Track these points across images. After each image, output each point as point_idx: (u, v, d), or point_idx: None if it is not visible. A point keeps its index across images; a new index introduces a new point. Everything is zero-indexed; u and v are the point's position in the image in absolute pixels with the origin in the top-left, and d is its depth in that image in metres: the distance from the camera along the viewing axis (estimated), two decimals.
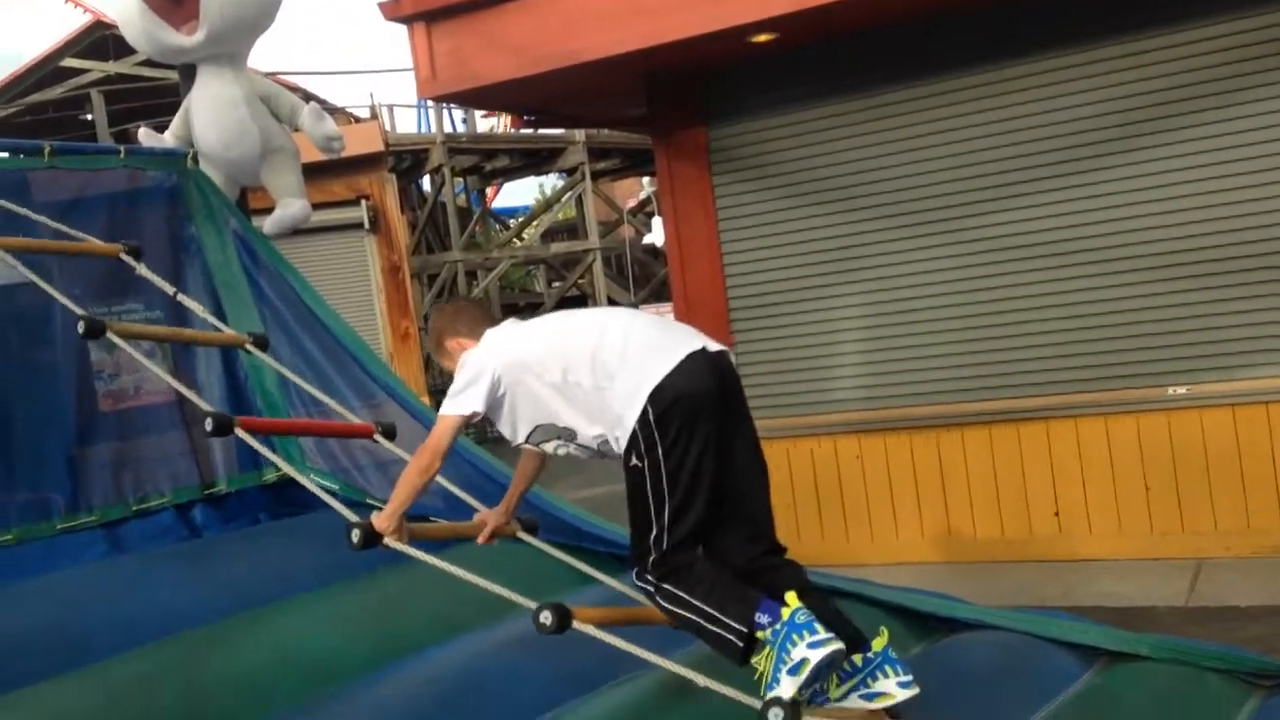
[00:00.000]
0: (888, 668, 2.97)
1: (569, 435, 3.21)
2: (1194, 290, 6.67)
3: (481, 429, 3.40)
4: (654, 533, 2.99)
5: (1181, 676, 3.53)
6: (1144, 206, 6.76)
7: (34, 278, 4.35)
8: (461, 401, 3.20)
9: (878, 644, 3.00)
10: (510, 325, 3.42)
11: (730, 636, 2.88)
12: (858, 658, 2.98)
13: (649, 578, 3.02)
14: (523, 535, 3.72)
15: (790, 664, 2.76)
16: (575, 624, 3.03)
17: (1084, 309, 6.94)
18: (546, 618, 3.00)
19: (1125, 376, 6.87)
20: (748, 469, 3.19)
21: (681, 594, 2.95)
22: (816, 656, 2.75)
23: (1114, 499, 6.86)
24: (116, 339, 4.12)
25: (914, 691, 2.96)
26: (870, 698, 2.96)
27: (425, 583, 3.33)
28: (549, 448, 3.34)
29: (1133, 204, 6.79)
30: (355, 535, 3.26)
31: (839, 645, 2.81)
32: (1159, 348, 6.79)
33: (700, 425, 2.98)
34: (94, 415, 5.41)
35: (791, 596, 2.85)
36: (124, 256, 4.74)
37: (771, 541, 3.23)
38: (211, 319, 4.85)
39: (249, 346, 4.69)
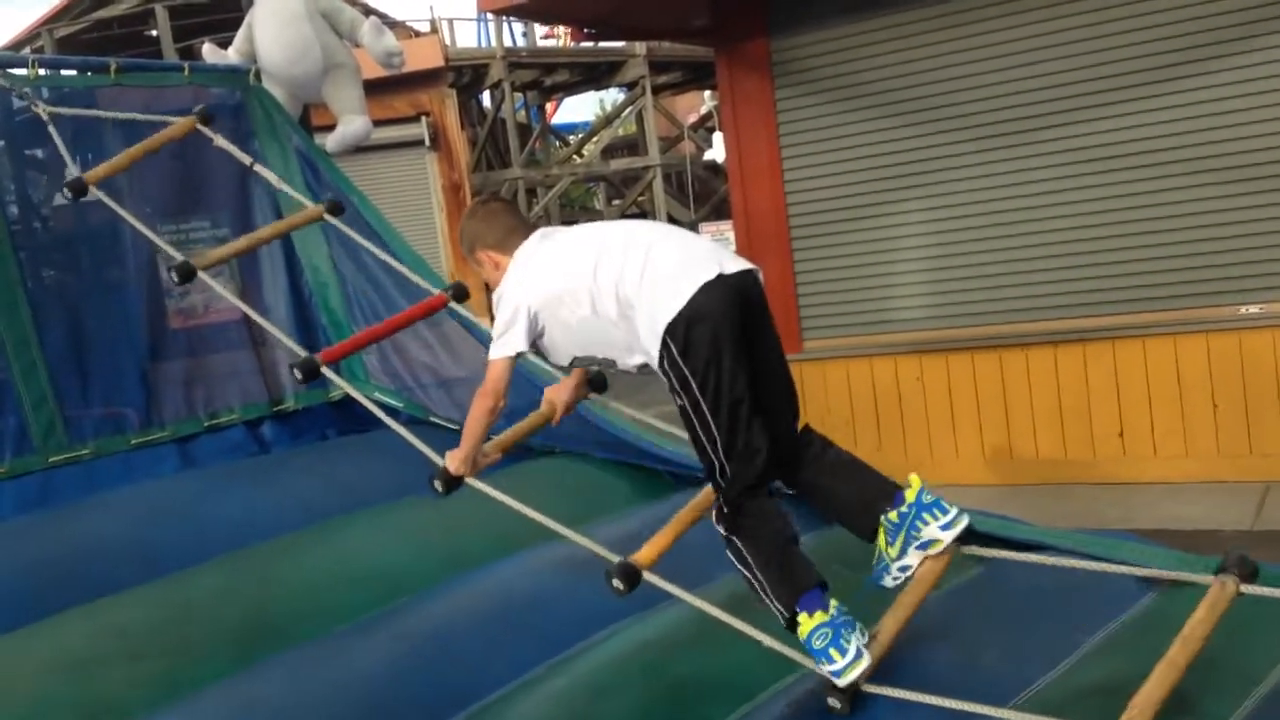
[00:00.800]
0: (926, 515, 2.97)
1: (608, 365, 3.22)
2: (1270, 206, 6.50)
3: None
4: (716, 466, 2.97)
5: (1245, 600, 3.49)
6: (1217, 119, 6.58)
7: (133, 220, 4.33)
8: (505, 344, 3.16)
9: (910, 495, 3.00)
10: (537, 242, 3.28)
11: (775, 611, 2.92)
12: (894, 515, 2.99)
13: (722, 529, 3.00)
14: (593, 395, 3.65)
15: (828, 662, 2.81)
16: (645, 576, 3.01)
17: (1155, 225, 6.79)
18: (619, 585, 2.97)
19: (1196, 295, 6.73)
20: (777, 357, 3.14)
21: (745, 555, 2.96)
22: (844, 682, 2.79)
23: (1181, 420, 6.77)
24: (208, 279, 4.07)
25: (962, 525, 2.97)
26: (925, 546, 2.98)
27: (488, 501, 3.37)
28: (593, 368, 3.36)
29: (1204, 116, 6.60)
30: (438, 485, 3.27)
31: (863, 669, 2.80)
32: (1232, 265, 6.64)
33: (725, 351, 2.92)
34: (165, 332, 5.53)
35: (804, 617, 2.85)
36: (199, 127, 4.66)
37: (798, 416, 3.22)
38: (286, 188, 4.83)
39: (326, 216, 4.60)
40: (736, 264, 3.02)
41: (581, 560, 3.34)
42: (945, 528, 2.95)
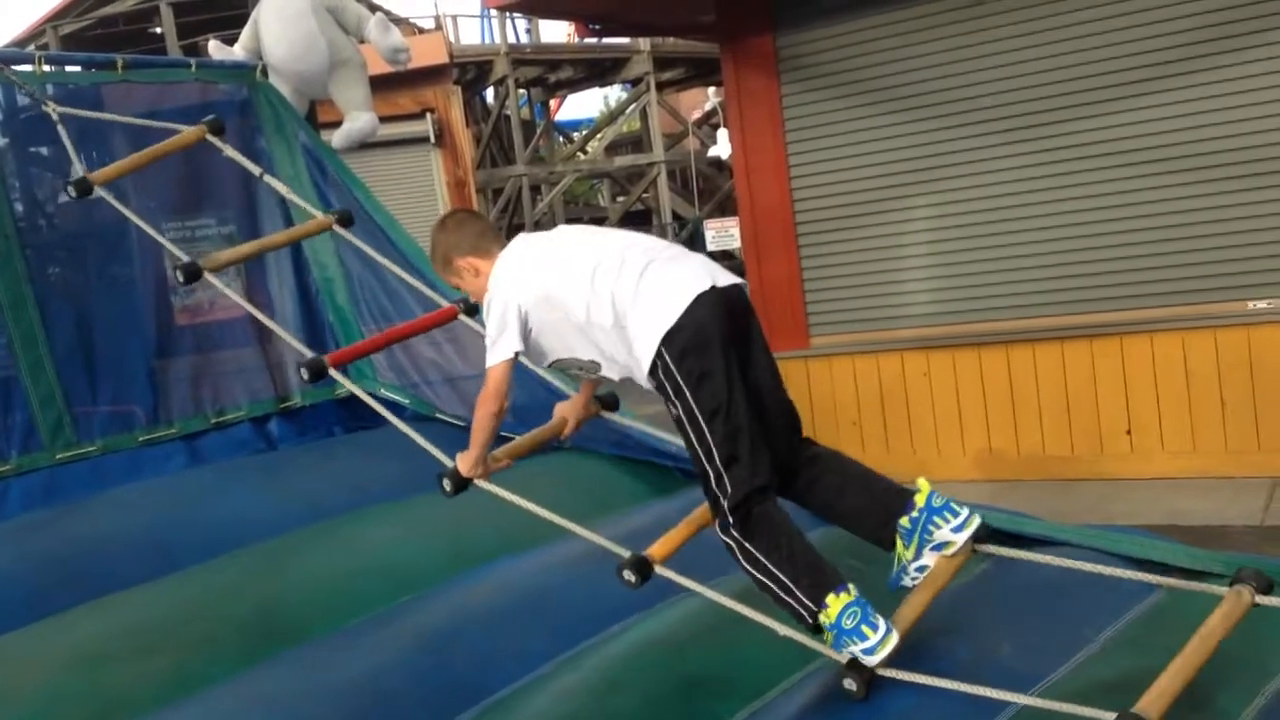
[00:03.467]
0: (937, 519, 3.00)
1: (592, 368, 3.22)
2: (1278, 201, 6.48)
3: None
4: (713, 476, 2.97)
5: None
6: (1226, 114, 6.55)
7: (136, 220, 4.30)
8: (501, 348, 3.16)
9: (919, 499, 3.01)
10: (522, 245, 3.30)
11: (801, 611, 2.90)
12: (905, 520, 3.00)
13: (734, 534, 2.97)
14: (605, 414, 3.65)
15: (848, 649, 2.83)
16: (657, 570, 3.01)
17: (1164, 221, 6.77)
18: (630, 576, 2.98)
19: (1204, 290, 6.71)
20: (769, 370, 3.16)
21: (760, 557, 2.94)
22: (872, 662, 2.81)
23: (1188, 416, 6.75)
24: (213, 279, 4.02)
25: (973, 526, 2.99)
26: (939, 548, 3.01)
27: (498, 496, 3.36)
28: (571, 372, 3.36)
29: (1214, 111, 6.57)
30: (447, 485, 3.27)
31: (893, 646, 2.82)
32: (1240, 260, 6.62)
33: (717, 358, 2.96)
34: (171, 329, 5.53)
35: (832, 598, 2.85)
36: (209, 137, 4.62)
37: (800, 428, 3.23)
38: (297, 199, 4.79)
39: (336, 227, 4.56)
40: (727, 278, 3.08)
41: (591, 556, 3.33)
42: (957, 529, 2.98)
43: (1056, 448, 7.13)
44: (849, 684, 2.77)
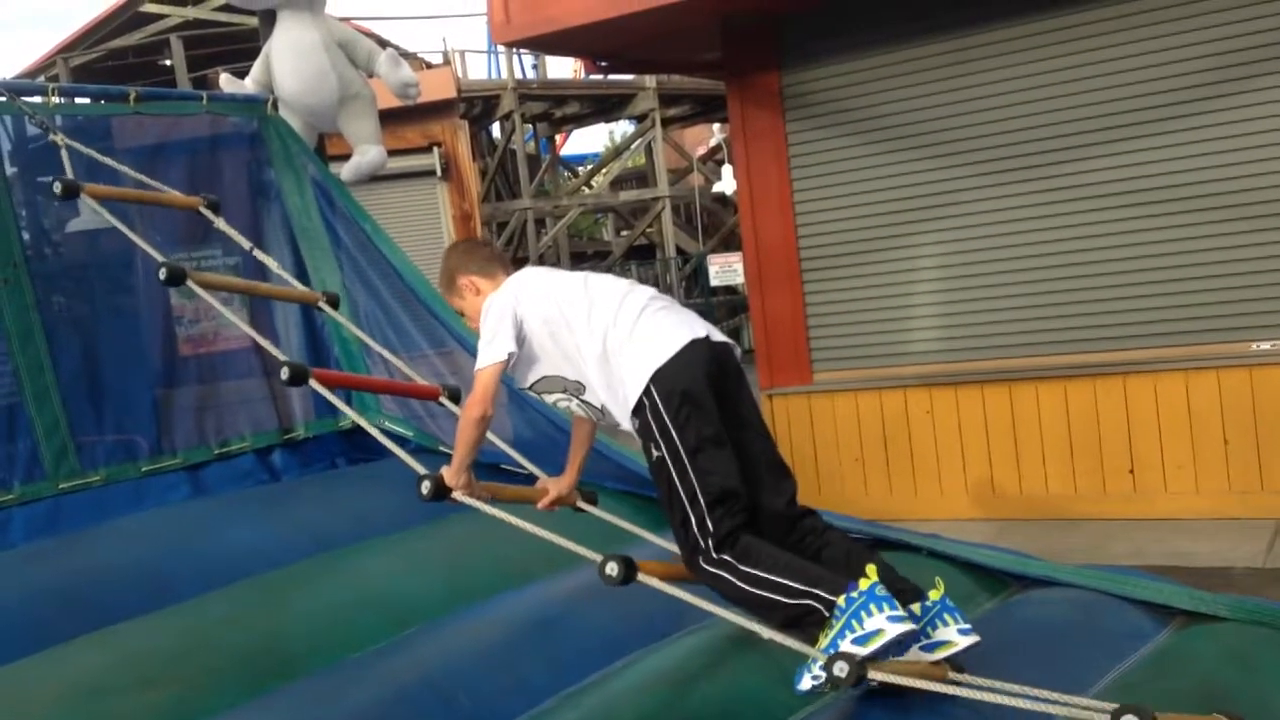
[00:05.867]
0: (946, 616, 2.95)
1: (577, 389, 3.26)
2: None
3: None
4: (695, 519, 2.99)
5: (1260, 638, 3.47)
6: (1230, 155, 6.60)
7: (115, 222, 4.40)
8: (495, 348, 3.22)
9: (934, 595, 2.98)
10: (530, 272, 3.45)
11: (818, 605, 2.86)
12: (916, 607, 2.96)
13: (725, 558, 2.97)
14: (583, 505, 3.70)
15: (859, 633, 2.74)
16: (640, 576, 3.04)
17: (1167, 261, 6.80)
18: (613, 569, 3.00)
19: (1207, 331, 6.73)
20: (758, 428, 3.22)
21: (762, 574, 2.93)
22: (893, 631, 2.73)
23: (1191, 457, 6.75)
24: (196, 287, 4.14)
25: (975, 639, 2.93)
26: (931, 648, 2.93)
27: (497, 530, 3.36)
28: (550, 399, 3.39)
29: (1218, 153, 6.62)
30: (425, 487, 3.28)
31: (914, 626, 2.79)
32: (1243, 301, 6.64)
33: (703, 398, 3.02)
34: (175, 360, 5.53)
35: (871, 569, 2.84)
36: (203, 210, 4.76)
37: (795, 495, 3.24)
38: (286, 275, 4.87)
39: (322, 304, 4.68)
40: (719, 336, 3.18)
41: (594, 591, 3.32)
42: (962, 633, 2.93)
43: (1059, 487, 7.13)
44: (839, 669, 2.64)
